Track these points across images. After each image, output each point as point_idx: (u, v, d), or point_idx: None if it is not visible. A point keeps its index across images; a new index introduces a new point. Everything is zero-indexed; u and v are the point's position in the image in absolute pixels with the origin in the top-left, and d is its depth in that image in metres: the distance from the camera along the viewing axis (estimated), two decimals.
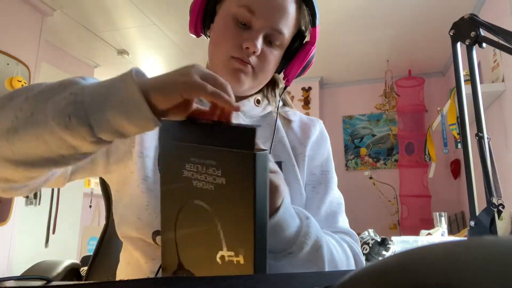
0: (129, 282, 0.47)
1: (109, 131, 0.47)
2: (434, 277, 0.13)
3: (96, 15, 2.95)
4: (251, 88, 0.74)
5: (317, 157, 0.79)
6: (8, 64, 2.53)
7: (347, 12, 2.88)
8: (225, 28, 0.70)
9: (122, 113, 0.45)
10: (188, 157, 0.50)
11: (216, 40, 0.72)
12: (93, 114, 0.46)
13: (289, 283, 0.41)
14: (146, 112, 0.45)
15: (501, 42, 0.75)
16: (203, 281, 0.41)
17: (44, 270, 1.10)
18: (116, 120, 0.46)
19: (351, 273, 0.17)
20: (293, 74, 0.75)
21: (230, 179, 0.48)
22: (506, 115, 2.35)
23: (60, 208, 3.03)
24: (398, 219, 3.67)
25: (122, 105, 0.45)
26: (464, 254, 0.14)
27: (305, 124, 0.82)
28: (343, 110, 4.16)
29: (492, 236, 0.16)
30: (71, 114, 0.45)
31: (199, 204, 0.50)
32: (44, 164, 0.50)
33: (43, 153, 0.48)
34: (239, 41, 0.68)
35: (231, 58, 0.69)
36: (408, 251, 0.16)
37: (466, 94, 0.81)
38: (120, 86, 0.46)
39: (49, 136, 0.46)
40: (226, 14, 0.71)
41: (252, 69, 0.70)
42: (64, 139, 0.46)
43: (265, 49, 0.70)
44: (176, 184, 0.52)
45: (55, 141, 0.47)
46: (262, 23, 0.68)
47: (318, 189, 0.77)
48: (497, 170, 0.76)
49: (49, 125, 0.46)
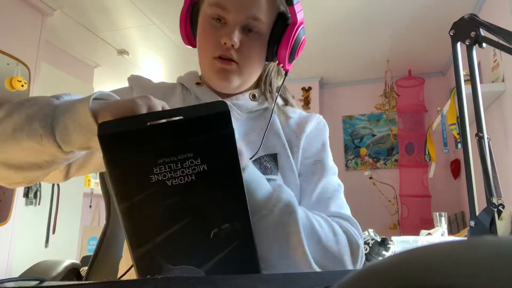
0: (128, 282, 0.47)
1: (74, 148, 0.53)
2: (434, 278, 0.13)
3: (96, 15, 2.95)
4: (242, 83, 0.75)
5: (311, 148, 0.78)
6: (8, 64, 2.53)
7: (347, 12, 2.88)
8: (204, 31, 0.72)
9: (82, 134, 0.52)
10: (155, 161, 0.49)
11: (199, 45, 0.75)
12: (59, 135, 0.52)
13: (289, 283, 0.41)
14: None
15: (501, 42, 0.75)
16: (203, 281, 0.41)
17: (43, 270, 1.10)
18: (79, 140, 0.52)
19: (351, 273, 0.17)
20: (283, 56, 0.74)
21: (212, 163, 0.50)
22: (506, 115, 2.36)
23: (60, 208, 3.03)
24: (398, 219, 3.67)
25: (81, 130, 0.52)
26: (464, 254, 0.14)
27: (303, 119, 0.81)
28: (343, 110, 4.16)
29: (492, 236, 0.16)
30: (42, 135, 0.52)
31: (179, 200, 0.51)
32: (31, 167, 0.57)
33: (29, 159, 0.56)
34: (217, 39, 0.70)
35: (214, 59, 0.71)
36: (408, 251, 0.16)
37: (466, 94, 0.81)
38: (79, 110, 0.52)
39: (29, 149, 0.54)
40: (202, 17, 0.73)
41: (237, 64, 0.71)
42: (41, 151, 0.54)
43: (244, 40, 0.71)
44: (142, 195, 0.50)
45: (35, 152, 0.54)
46: (235, 15, 0.69)
47: (311, 179, 0.75)
48: (497, 170, 0.76)
49: (26, 142, 0.53)
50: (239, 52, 0.71)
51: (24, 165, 0.57)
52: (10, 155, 0.56)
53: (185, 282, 0.40)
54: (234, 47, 0.69)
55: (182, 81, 0.82)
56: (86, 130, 0.52)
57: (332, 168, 0.78)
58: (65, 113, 0.53)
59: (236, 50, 0.70)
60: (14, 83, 2.53)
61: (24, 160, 0.56)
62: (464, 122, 0.80)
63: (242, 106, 0.77)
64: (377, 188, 3.74)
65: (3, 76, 2.50)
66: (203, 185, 0.50)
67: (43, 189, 2.91)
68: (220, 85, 0.74)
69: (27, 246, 2.75)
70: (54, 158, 0.56)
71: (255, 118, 0.79)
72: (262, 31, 0.72)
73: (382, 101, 3.92)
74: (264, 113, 0.80)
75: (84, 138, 0.52)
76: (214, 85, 0.76)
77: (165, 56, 3.61)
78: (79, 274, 1.18)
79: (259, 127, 0.77)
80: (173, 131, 0.49)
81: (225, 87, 0.75)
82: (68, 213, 3.13)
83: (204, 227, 0.52)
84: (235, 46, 0.69)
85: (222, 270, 0.53)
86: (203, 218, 0.52)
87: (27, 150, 0.54)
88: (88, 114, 0.51)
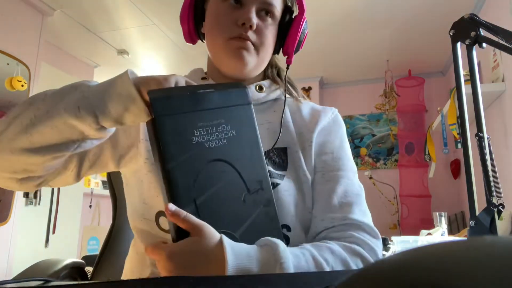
0: (128, 282, 0.47)
1: (110, 120, 0.56)
2: (434, 278, 0.13)
3: (96, 15, 2.95)
4: (256, 66, 0.75)
5: (328, 144, 0.75)
6: (8, 64, 2.53)
7: (347, 12, 2.88)
8: (218, 14, 0.73)
9: (120, 104, 0.55)
10: (196, 124, 0.57)
11: (212, 28, 0.74)
12: (97, 106, 0.56)
13: (289, 283, 0.41)
14: (139, 103, 0.55)
15: (501, 42, 0.75)
16: (203, 281, 0.41)
17: (44, 269, 1.10)
18: (116, 110, 0.56)
19: (351, 273, 0.17)
20: (291, 48, 0.76)
21: (239, 129, 0.60)
22: (506, 115, 2.35)
23: (60, 208, 3.03)
24: (398, 219, 3.67)
25: (120, 98, 0.55)
26: (464, 254, 0.14)
27: (316, 111, 0.80)
28: (343, 110, 4.15)
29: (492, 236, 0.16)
30: (80, 106, 0.56)
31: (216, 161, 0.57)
32: (56, 148, 0.59)
33: (56, 139, 0.58)
34: (233, 21, 0.71)
35: (230, 40, 0.71)
36: (408, 251, 0.16)
37: (466, 94, 0.81)
38: (117, 82, 0.57)
39: (62, 125, 0.56)
40: (216, 2, 0.73)
41: (253, 45, 0.72)
42: (74, 125, 0.56)
43: (259, 23, 0.72)
44: (185, 155, 0.55)
45: (67, 128, 0.57)
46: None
47: (328, 177, 0.72)
48: (497, 170, 0.76)
49: (62, 116, 0.56)
50: (256, 34, 0.72)
51: (50, 146, 0.58)
52: (37, 137, 0.57)
53: (185, 282, 0.40)
54: (252, 28, 0.70)
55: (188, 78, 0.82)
56: (125, 98, 0.55)
57: (352, 167, 0.75)
58: (102, 87, 0.57)
59: (253, 32, 0.71)
60: (14, 83, 2.53)
61: (52, 140, 0.58)
62: (464, 122, 0.80)
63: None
64: (377, 188, 3.74)
65: (3, 76, 2.50)
66: (234, 148, 0.59)
67: (43, 189, 2.90)
68: (235, 66, 0.73)
69: (27, 246, 2.75)
70: (82, 137, 0.58)
71: (263, 110, 0.77)
72: (275, 17, 0.74)
73: (382, 101, 3.92)
74: (273, 105, 0.79)
75: (122, 108, 0.55)
76: (227, 68, 0.75)
77: (165, 56, 3.61)
78: (83, 272, 1.18)
79: (267, 120, 0.76)
80: (209, 100, 0.59)
81: (239, 69, 0.74)
82: (68, 213, 3.13)
83: (237, 190, 0.58)
84: (253, 27, 0.70)
85: (252, 236, 0.56)
86: (236, 181, 0.58)
87: (58, 127, 0.56)
88: (130, 84, 0.55)
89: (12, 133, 0.58)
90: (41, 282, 0.52)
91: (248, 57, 0.71)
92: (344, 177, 0.72)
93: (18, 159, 0.59)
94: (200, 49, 1.02)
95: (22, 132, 0.58)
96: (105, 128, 0.58)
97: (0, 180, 0.65)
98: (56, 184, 0.72)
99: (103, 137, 0.61)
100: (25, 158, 0.59)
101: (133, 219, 0.73)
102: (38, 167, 0.62)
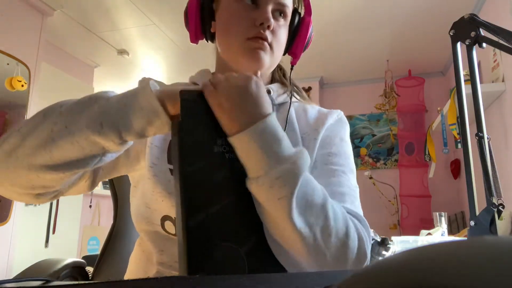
0: (128, 282, 0.47)
1: (133, 134, 0.55)
2: (434, 278, 0.13)
3: (96, 15, 2.95)
4: (269, 66, 0.76)
5: (328, 140, 0.76)
6: (8, 64, 2.53)
7: (347, 12, 2.88)
8: (233, 14, 0.73)
9: (144, 118, 0.54)
10: (220, 133, 0.56)
11: (227, 28, 0.73)
12: (120, 121, 0.54)
13: (289, 283, 0.41)
14: (163, 117, 0.54)
15: (501, 42, 0.75)
16: (203, 281, 0.41)
17: (44, 268, 1.10)
18: (139, 124, 0.55)
19: (351, 273, 0.17)
20: (299, 49, 0.78)
21: None
22: (506, 115, 2.35)
23: (60, 208, 3.03)
24: (398, 219, 3.67)
25: (143, 113, 0.54)
26: (464, 255, 0.14)
27: (323, 114, 0.80)
28: (343, 110, 4.10)
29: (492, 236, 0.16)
30: (103, 122, 0.54)
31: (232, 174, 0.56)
32: (77, 164, 0.57)
33: (77, 155, 0.56)
34: (251, 21, 0.71)
35: (247, 40, 0.71)
36: (408, 251, 0.16)
37: (466, 94, 0.81)
38: (140, 95, 0.55)
39: (84, 141, 0.54)
40: (230, 2, 0.73)
41: (269, 45, 0.72)
42: (97, 142, 0.55)
43: (275, 23, 0.73)
44: (205, 162, 0.54)
45: (89, 145, 0.55)
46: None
47: (322, 169, 0.71)
48: (497, 170, 0.76)
49: (84, 132, 0.54)
50: (272, 34, 0.72)
51: (71, 162, 0.56)
52: (57, 153, 0.55)
53: (185, 282, 0.40)
54: (270, 28, 0.71)
55: (195, 80, 0.81)
56: (149, 113, 0.54)
57: (350, 165, 0.74)
58: (124, 99, 0.56)
59: (270, 32, 0.72)
60: (14, 83, 2.53)
61: (72, 156, 0.56)
62: (464, 122, 0.80)
63: None
64: (377, 188, 3.74)
65: (3, 76, 2.50)
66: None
67: None
68: (251, 66, 0.73)
69: (27, 246, 2.75)
70: (104, 151, 0.57)
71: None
72: (287, 18, 0.75)
73: (382, 101, 3.92)
74: (279, 108, 0.79)
75: (145, 122, 0.54)
76: (243, 68, 0.74)
77: (165, 56, 3.61)
78: (84, 272, 1.18)
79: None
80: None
81: (255, 69, 0.73)
82: (68, 213, 3.13)
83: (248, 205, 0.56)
84: (270, 27, 0.71)
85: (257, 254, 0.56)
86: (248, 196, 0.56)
87: (80, 143, 0.54)
88: (153, 98, 0.54)
89: (29, 148, 0.56)
90: (41, 282, 0.52)
91: (264, 57, 0.72)
92: (340, 171, 0.71)
93: (37, 176, 0.57)
94: (200, 49, 1.02)
95: (41, 148, 0.55)
96: (126, 142, 0.57)
97: (14, 195, 0.63)
98: (70, 194, 0.72)
99: (123, 150, 0.60)
100: (44, 175, 0.57)
101: (137, 221, 0.73)
102: (57, 183, 0.60)
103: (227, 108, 0.55)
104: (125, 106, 0.55)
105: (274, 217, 0.55)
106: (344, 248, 0.57)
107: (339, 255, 0.57)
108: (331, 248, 0.56)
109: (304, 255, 0.56)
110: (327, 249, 0.56)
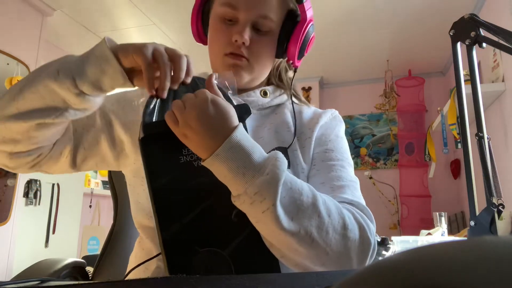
0: (128, 282, 0.47)
1: (87, 83, 0.58)
2: (434, 278, 0.14)
3: (96, 15, 2.95)
4: (252, 80, 0.77)
5: (323, 137, 0.77)
6: (8, 64, 2.53)
7: (347, 12, 2.88)
8: (214, 29, 0.75)
9: (97, 66, 0.58)
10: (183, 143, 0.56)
11: (210, 43, 0.77)
12: (75, 69, 0.58)
13: (289, 283, 0.41)
14: (114, 64, 0.57)
15: (501, 42, 0.75)
16: (203, 281, 0.41)
17: (44, 268, 1.10)
18: (93, 72, 0.58)
19: (351, 273, 0.17)
20: (292, 54, 0.76)
21: None
22: (506, 115, 2.35)
23: (60, 208, 3.03)
24: (398, 219, 3.67)
25: (96, 61, 0.58)
26: (464, 255, 0.14)
27: (317, 113, 0.81)
28: (343, 110, 4.16)
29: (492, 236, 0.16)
30: (60, 70, 0.58)
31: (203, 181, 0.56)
32: (39, 114, 0.60)
33: (39, 105, 0.60)
34: (228, 37, 0.72)
35: (225, 56, 0.73)
36: (408, 251, 0.16)
37: (466, 94, 0.81)
38: (95, 48, 0.60)
39: (43, 89, 0.59)
40: (214, 16, 0.75)
41: (247, 61, 0.73)
42: (54, 89, 0.59)
43: (255, 38, 0.72)
44: (171, 175, 0.55)
45: (48, 93, 0.59)
46: (246, 14, 0.71)
47: (320, 166, 0.72)
48: (497, 170, 0.76)
49: (43, 80, 0.59)
50: (250, 50, 0.72)
51: (35, 111, 0.60)
52: (22, 103, 0.60)
53: (185, 282, 0.40)
54: (245, 45, 0.71)
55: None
56: (100, 60, 0.58)
57: (347, 159, 0.75)
58: (83, 54, 0.60)
59: (247, 47, 0.72)
60: (14, 83, 2.53)
61: (36, 106, 0.60)
62: (464, 122, 0.80)
63: (253, 103, 0.78)
64: (377, 188, 3.74)
65: (3, 76, 2.50)
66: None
67: (43, 189, 2.91)
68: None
69: (27, 246, 2.75)
70: (66, 105, 0.60)
71: (266, 114, 0.80)
72: (272, 29, 0.74)
73: (382, 101, 3.92)
74: (276, 109, 0.81)
75: (98, 70, 0.58)
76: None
77: None
78: (84, 272, 1.18)
79: (270, 123, 0.78)
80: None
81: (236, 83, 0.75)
82: (68, 213, 3.13)
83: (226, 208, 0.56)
84: (245, 44, 0.71)
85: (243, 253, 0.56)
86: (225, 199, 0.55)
87: (40, 92, 0.59)
88: (105, 47, 0.58)
89: (4, 102, 0.62)
90: (41, 282, 0.52)
91: (242, 73, 0.73)
92: (338, 166, 0.72)
93: (5, 127, 0.62)
94: (201, 50, 1.02)
95: (11, 100, 0.61)
96: (85, 95, 0.59)
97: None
98: (51, 169, 0.73)
99: (85, 107, 0.62)
100: (11, 125, 0.61)
101: (138, 217, 0.74)
102: (23, 136, 0.63)
103: (191, 137, 0.55)
104: (82, 58, 0.60)
105: (265, 229, 0.56)
106: (345, 240, 0.58)
107: (340, 249, 0.57)
108: (331, 243, 0.57)
109: (306, 256, 0.56)
110: (327, 246, 0.56)
